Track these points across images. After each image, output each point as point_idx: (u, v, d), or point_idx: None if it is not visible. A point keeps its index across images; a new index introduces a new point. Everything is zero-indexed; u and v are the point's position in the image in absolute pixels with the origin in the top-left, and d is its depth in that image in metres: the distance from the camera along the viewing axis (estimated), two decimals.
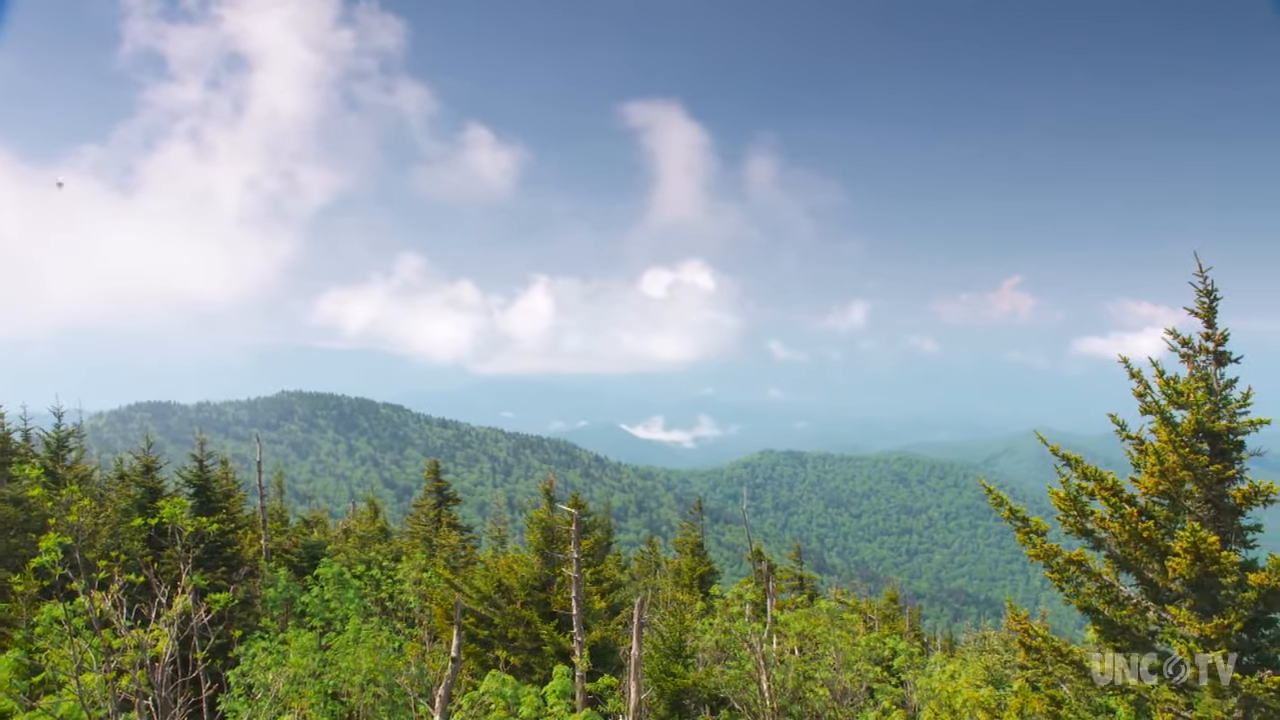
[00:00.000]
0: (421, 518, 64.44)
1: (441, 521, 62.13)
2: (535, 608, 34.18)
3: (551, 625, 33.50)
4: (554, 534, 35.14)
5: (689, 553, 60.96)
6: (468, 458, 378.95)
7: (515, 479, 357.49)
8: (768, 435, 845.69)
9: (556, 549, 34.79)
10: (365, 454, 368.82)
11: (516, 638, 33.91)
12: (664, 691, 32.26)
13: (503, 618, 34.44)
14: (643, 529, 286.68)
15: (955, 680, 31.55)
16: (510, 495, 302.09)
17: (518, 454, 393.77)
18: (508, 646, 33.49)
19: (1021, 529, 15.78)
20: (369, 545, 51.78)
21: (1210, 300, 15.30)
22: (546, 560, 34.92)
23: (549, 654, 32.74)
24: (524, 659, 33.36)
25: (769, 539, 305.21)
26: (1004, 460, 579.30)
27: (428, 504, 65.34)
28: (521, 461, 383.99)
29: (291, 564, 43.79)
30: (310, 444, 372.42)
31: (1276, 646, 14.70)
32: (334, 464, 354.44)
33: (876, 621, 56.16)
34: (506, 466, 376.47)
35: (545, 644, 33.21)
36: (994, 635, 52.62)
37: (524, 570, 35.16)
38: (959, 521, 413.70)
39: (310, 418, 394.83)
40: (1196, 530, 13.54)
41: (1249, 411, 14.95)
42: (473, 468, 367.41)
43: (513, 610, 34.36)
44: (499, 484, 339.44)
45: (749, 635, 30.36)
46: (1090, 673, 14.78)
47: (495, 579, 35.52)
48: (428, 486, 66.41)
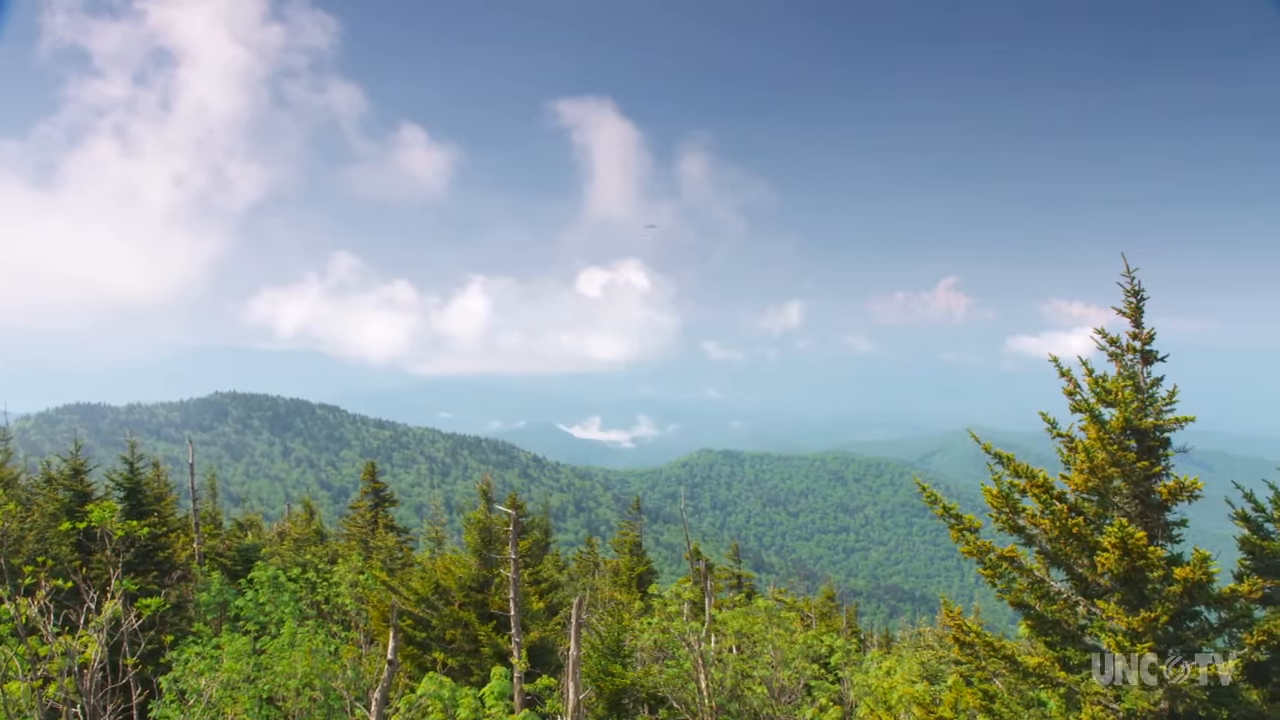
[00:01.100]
0: (358, 519, 63.92)
1: (378, 523, 61.66)
2: (473, 609, 34.01)
3: (489, 626, 33.36)
4: (491, 535, 35.00)
5: (627, 552, 61.01)
6: (405, 459, 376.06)
7: (453, 480, 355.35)
8: (705, 435, 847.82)
9: (494, 550, 34.67)
10: (301, 455, 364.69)
11: (454, 639, 33.73)
12: (602, 691, 32.23)
13: (440, 619, 34.24)
14: (581, 529, 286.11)
15: (891, 676, 31.85)
16: (448, 496, 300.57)
17: (455, 455, 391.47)
18: (445, 648, 33.30)
19: (955, 526, 15.98)
20: (304, 548, 51.33)
21: (1137, 300, 15.58)
22: (484, 561, 34.78)
23: (487, 655, 32.60)
24: (462, 661, 33.18)
25: (707, 538, 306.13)
26: (939, 458, 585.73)
27: (364, 505, 64.83)
28: (459, 462, 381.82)
29: (225, 567, 43.28)
30: (245, 446, 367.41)
31: (1201, 639, 15.02)
32: (269, 466, 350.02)
33: (814, 619, 56.58)
34: (444, 467, 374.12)
35: (483, 645, 33.07)
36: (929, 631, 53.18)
37: (461, 571, 34.98)
38: (895, 519, 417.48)
39: (244, 419, 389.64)
40: (1124, 526, 13.80)
41: (1174, 409, 15.25)
42: (410, 469, 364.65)
43: (450, 612, 34.17)
44: (437, 485, 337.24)
45: (687, 634, 30.45)
46: (1021, 667, 15.00)
47: (432, 581, 35.31)
48: (364, 488, 65.89)
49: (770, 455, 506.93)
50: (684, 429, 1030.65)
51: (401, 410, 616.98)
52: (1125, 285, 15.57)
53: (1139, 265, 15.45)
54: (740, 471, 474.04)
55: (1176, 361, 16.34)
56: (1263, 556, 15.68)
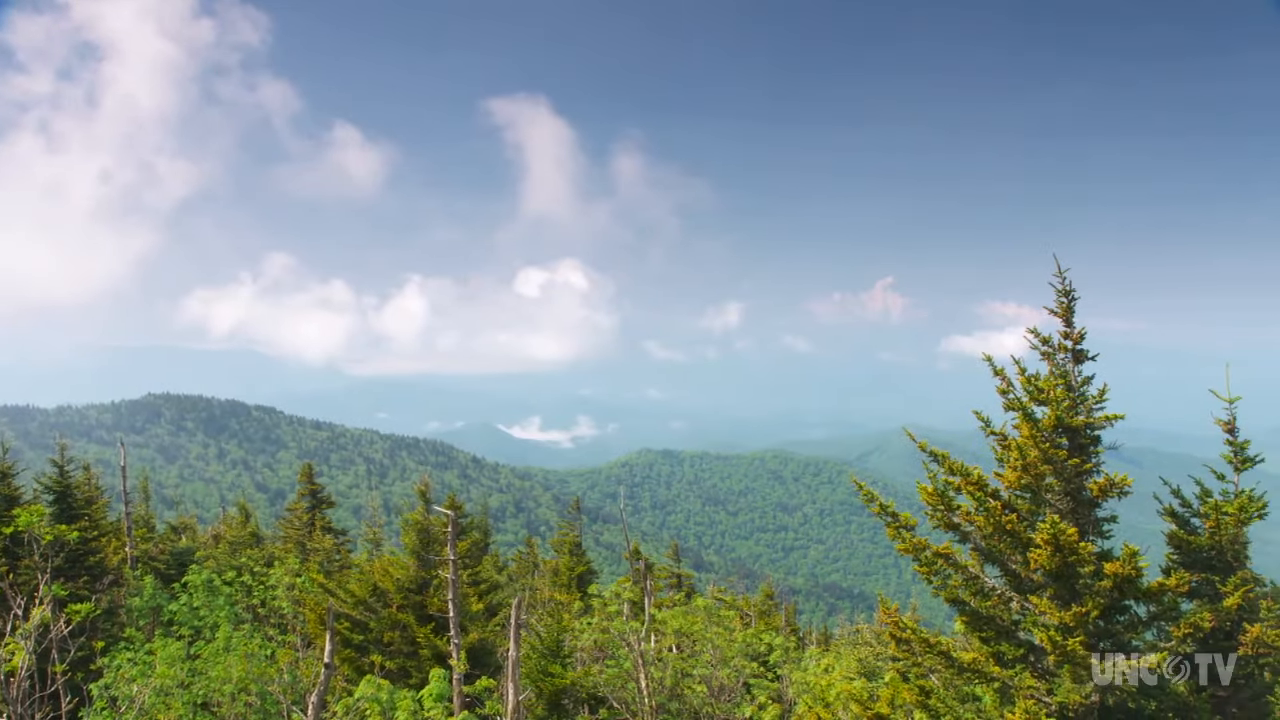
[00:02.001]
0: (295, 521, 63.26)
1: (315, 525, 61.05)
2: (411, 611, 33.83)
3: (428, 628, 33.19)
4: (430, 536, 34.83)
5: (567, 552, 60.94)
6: (343, 460, 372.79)
7: (391, 481, 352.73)
8: (645, 434, 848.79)
9: (432, 551, 34.50)
10: (236, 457, 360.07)
11: (392, 642, 33.52)
12: (542, 692, 32.19)
13: (378, 622, 34.01)
14: (521, 529, 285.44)
15: (829, 673, 32.07)
16: (386, 497, 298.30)
17: (394, 455, 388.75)
18: (383, 651, 33.08)
19: (891, 524, 16.13)
20: (240, 551, 50.73)
21: (1069, 300, 15.83)
22: (423, 563, 34.59)
23: (426, 657, 32.43)
24: (400, 663, 32.99)
25: (647, 538, 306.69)
26: (876, 457, 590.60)
27: (301, 507, 64.16)
28: (398, 463, 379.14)
29: (158, 572, 42.70)
30: (178, 448, 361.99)
31: (1130, 632, 15.30)
32: (203, 468, 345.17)
33: (753, 617, 56.84)
34: (382, 468, 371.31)
35: (422, 647, 32.89)
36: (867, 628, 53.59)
37: (400, 573, 34.76)
38: (833, 517, 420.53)
39: (178, 421, 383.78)
40: (1056, 522, 14.01)
41: (1104, 407, 15.51)
42: (348, 470, 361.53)
43: (388, 614, 33.96)
44: (375, 486, 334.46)
45: (627, 634, 30.49)
46: (957, 662, 15.18)
47: (370, 583, 35.07)
48: (301, 490, 65.20)
49: (710, 454, 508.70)
50: (624, 429, 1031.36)
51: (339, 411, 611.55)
52: (1057, 286, 15.82)
53: (1070, 266, 15.72)
54: (680, 471, 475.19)
55: (1107, 360, 16.63)
56: (1189, 551, 15.99)
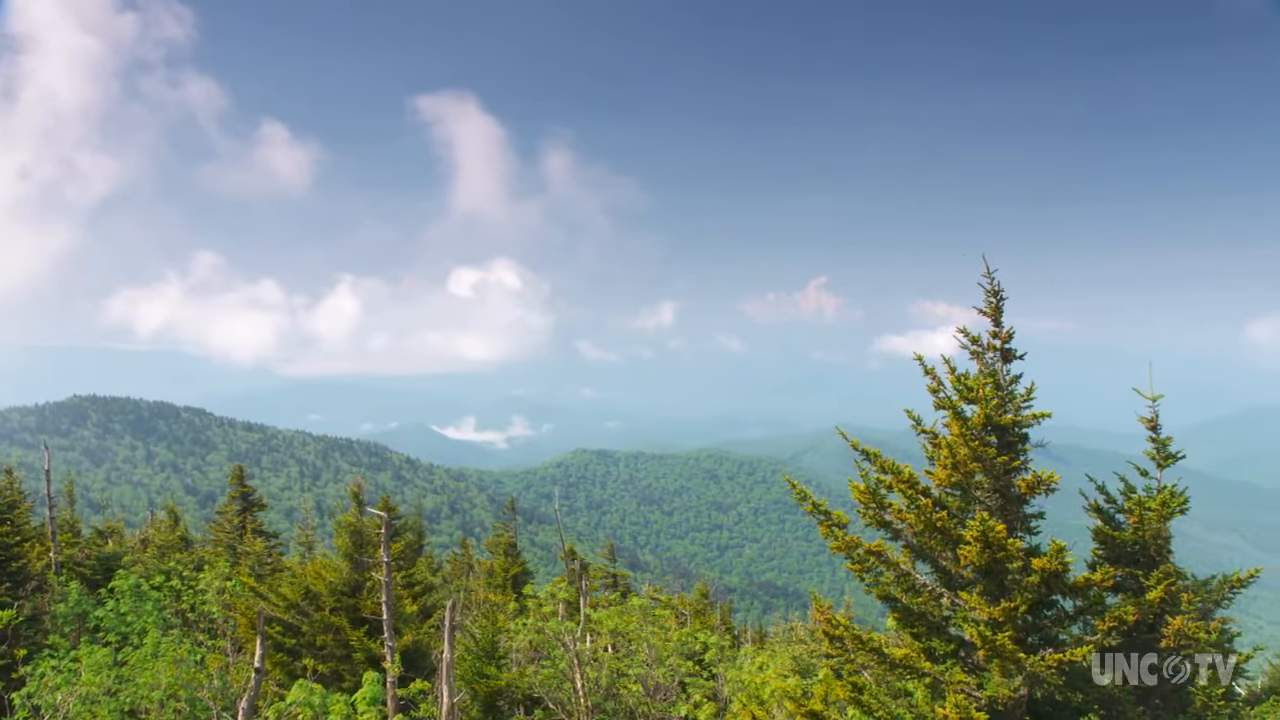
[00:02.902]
0: (225, 525, 62.49)
1: (246, 528, 60.34)
2: (345, 614, 33.53)
3: (362, 631, 32.93)
4: (363, 538, 34.55)
5: (502, 553, 60.79)
6: (274, 462, 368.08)
7: (324, 483, 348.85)
8: (581, 434, 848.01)
9: (366, 553, 34.22)
10: (165, 460, 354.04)
11: (325, 645, 33.21)
12: (477, 694, 32.09)
13: (311, 625, 33.67)
14: (456, 530, 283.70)
15: (764, 671, 32.29)
16: (319, 499, 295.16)
17: (327, 457, 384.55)
18: (316, 654, 32.77)
19: (824, 522, 16.27)
20: (169, 555, 49.94)
21: (997, 300, 16.07)
22: (356, 565, 34.30)
23: (359, 660, 32.17)
24: (333, 667, 32.70)
25: (583, 538, 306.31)
26: (809, 456, 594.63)
27: (232, 510, 63.41)
28: (331, 465, 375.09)
29: (84, 577, 41.95)
30: (105, 450, 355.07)
31: (1057, 626, 15.58)
32: (131, 471, 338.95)
33: (689, 616, 57.00)
34: (315, 470, 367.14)
35: (355, 650, 32.63)
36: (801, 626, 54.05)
37: (332, 576, 34.45)
38: (768, 516, 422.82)
39: (105, 423, 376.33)
40: (985, 519, 14.23)
41: (1032, 405, 15.78)
42: (280, 472, 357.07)
43: (321, 617, 33.63)
44: (307, 488, 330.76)
45: (563, 634, 30.45)
46: (888, 659, 15.35)
47: (303, 586, 34.71)
48: (232, 492, 64.44)
49: (645, 454, 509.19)
50: (559, 429, 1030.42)
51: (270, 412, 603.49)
52: (985, 286, 16.05)
53: (998, 267, 15.96)
54: (615, 471, 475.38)
55: (1035, 359, 16.93)
56: (1114, 546, 16.30)
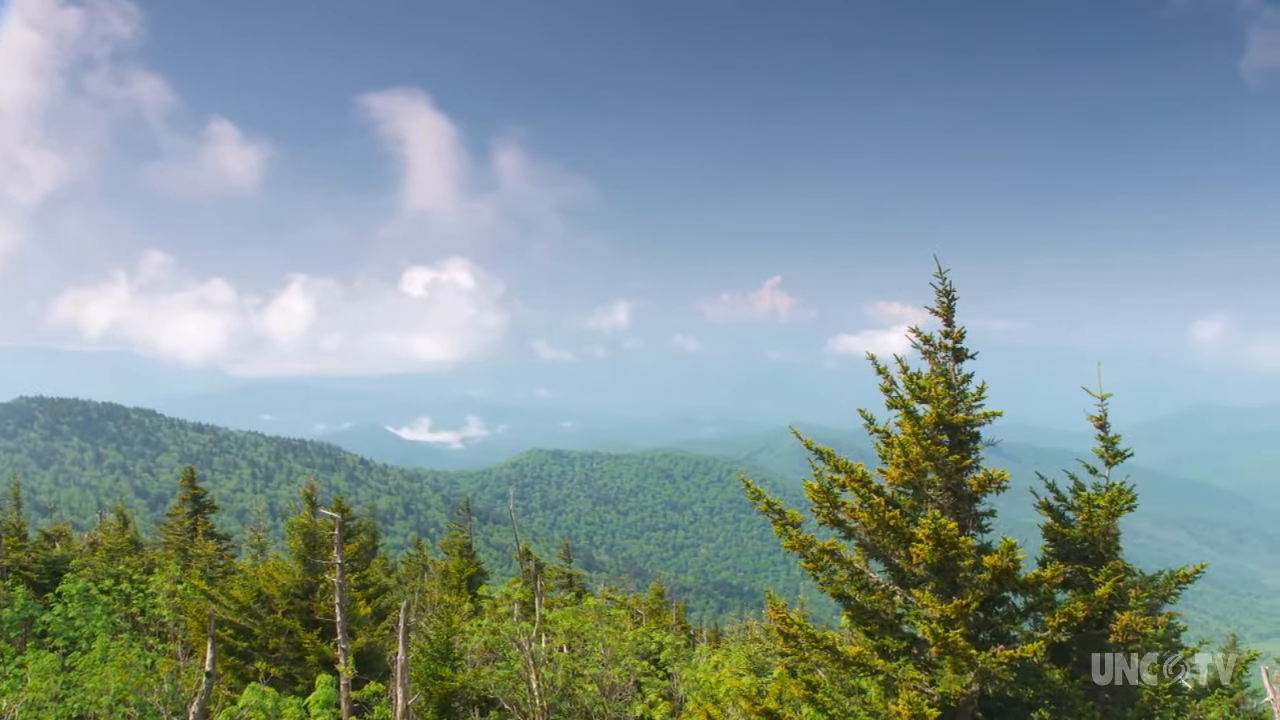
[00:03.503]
0: (176, 527, 61.85)
1: (198, 530, 59.74)
2: (297, 616, 33.29)
3: (315, 633, 32.70)
4: (316, 539, 34.31)
5: (457, 554, 60.60)
6: (226, 463, 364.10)
7: (277, 484, 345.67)
8: (536, 435, 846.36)
9: (319, 555, 33.98)
10: (115, 462, 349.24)
11: (278, 648, 32.95)
12: (432, 695, 31.93)
13: (263, 628, 33.40)
14: (410, 531, 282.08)
15: (719, 670, 32.35)
16: (272, 501, 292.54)
17: (279, 458, 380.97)
18: (268, 658, 32.51)
19: (778, 521, 16.34)
20: (118, 558, 49.37)
21: (949, 300, 16.24)
22: (309, 567, 34.06)
23: (312, 663, 31.95)
24: (286, 670, 32.45)
25: (538, 538, 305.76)
26: (764, 455, 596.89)
27: (183, 512, 62.75)
28: (283, 466, 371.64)
29: (31, 581, 41.40)
30: (53, 453, 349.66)
31: (1008, 623, 15.78)
32: (79, 473, 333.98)
33: (644, 616, 57.03)
34: (268, 471, 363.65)
35: (309, 653, 32.40)
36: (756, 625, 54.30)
37: (285, 578, 34.18)
38: (723, 516, 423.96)
39: (52, 425, 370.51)
40: (937, 517, 14.36)
41: (983, 404, 15.95)
42: (232, 474, 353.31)
43: (274, 620, 33.37)
44: (260, 490, 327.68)
45: (518, 635, 30.39)
46: (842, 656, 15.45)
47: (255, 588, 34.41)
48: (183, 494, 63.74)
49: (600, 454, 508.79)
50: (514, 429, 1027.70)
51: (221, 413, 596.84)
52: (937, 286, 16.21)
53: (950, 267, 16.11)
54: (571, 471, 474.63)
55: (987, 359, 17.11)
56: (1064, 543, 16.51)
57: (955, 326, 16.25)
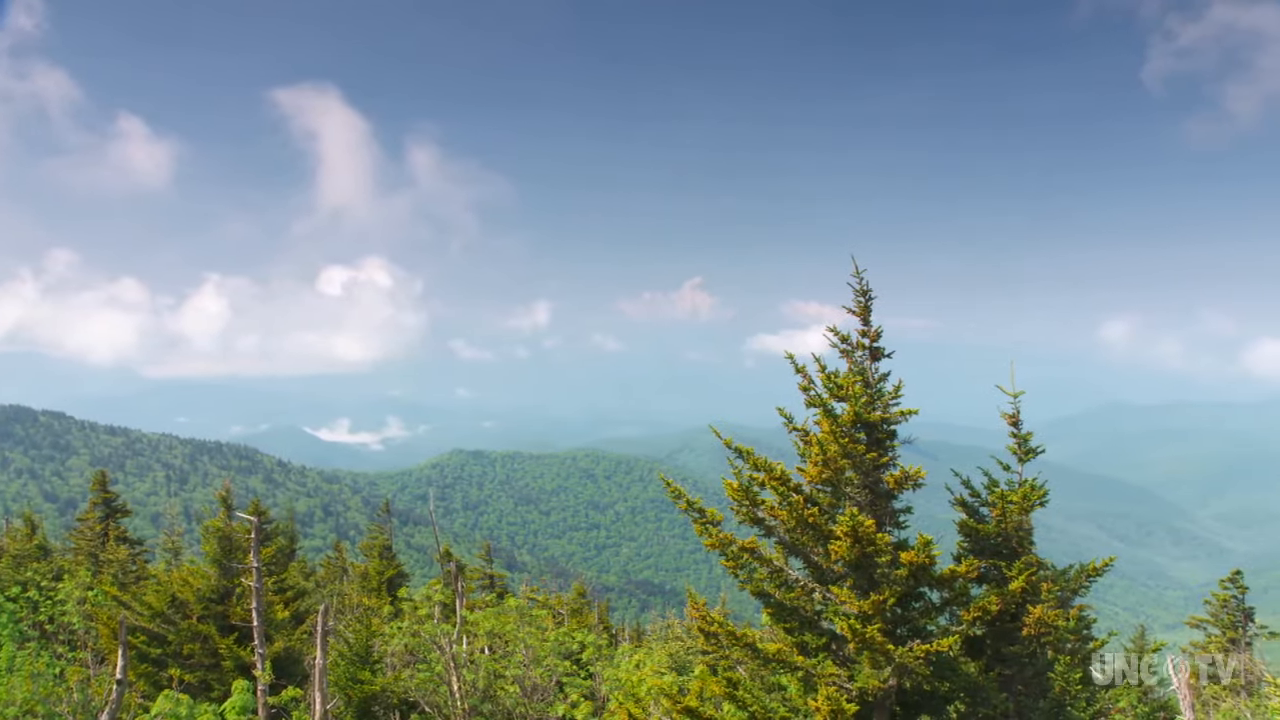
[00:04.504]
0: (87, 532, 60.38)
1: (109, 535, 58.43)
2: (213, 621, 32.75)
3: (231, 639, 32.20)
4: (232, 543, 33.77)
5: (377, 556, 60.08)
6: (139, 466, 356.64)
7: (192, 487, 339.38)
8: (457, 435, 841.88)
9: (235, 558, 33.45)
10: (22, 466, 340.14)
11: (193, 654, 32.38)
12: (351, 699, 31.61)
13: (177, 634, 32.79)
14: (330, 534, 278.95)
15: (641, 669, 32.42)
16: (187, 504, 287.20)
17: (195, 461, 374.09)
18: (183, 664, 31.93)
19: (698, 520, 16.43)
20: (25, 564, 48.15)
21: (866, 300, 16.43)
22: (225, 571, 33.51)
23: (229, 669, 31.46)
24: (201, 676, 31.90)
25: (459, 539, 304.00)
26: (685, 455, 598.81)
27: (94, 517, 61.31)
28: (199, 469, 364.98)
29: None
30: None
31: (925, 618, 16.01)
32: None
33: (566, 616, 56.98)
34: (183, 474, 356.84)
35: (224, 659, 31.89)
36: (678, 624, 54.48)
37: (200, 583, 33.60)
38: (645, 515, 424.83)
39: None
40: (855, 515, 14.53)
41: (900, 402, 16.17)
42: (145, 477, 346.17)
43: (188, 625, 32.78)
44: (175, 493, 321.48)
45: (439, 637, 30.23)
46: (762, 653, 15.57)
47: (169, 594, 33.77)
48: (94, 499, 62.31)
49: (522, 454, 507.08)
50: (435, 430, 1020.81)
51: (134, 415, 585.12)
52: (855, 286, 16.40)
53: (867, 267, 16.31)
54: (492, 471, 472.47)
55: (904, 357, 17.33)
56: (978, 538, 16.79)
57: (872, 326, 16.46)
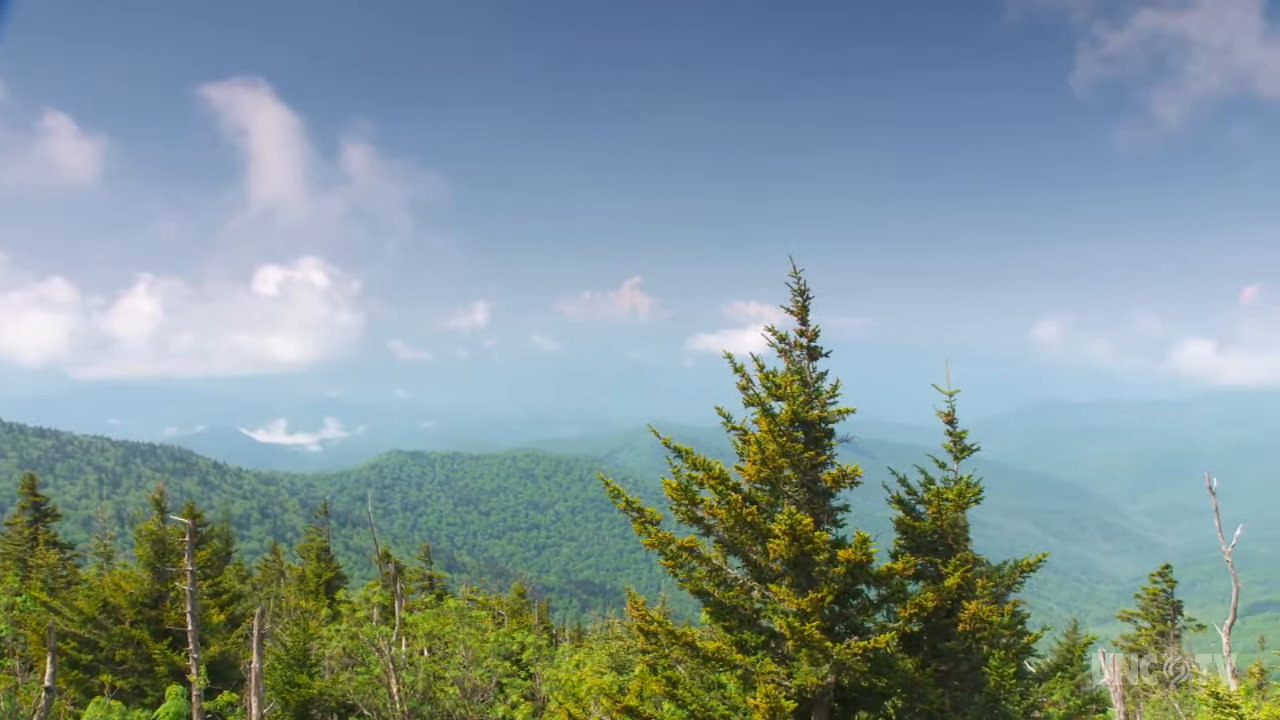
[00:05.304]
0: (15, 537, 59.25)
1: (38, 540, 57.36)
2: (146, 626, 32.27)
3: (165, 643, 31.74)
4: (166, 546, 33.30)
5: (314, 558, 59.52)
6: (70, 469, 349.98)
7: (125, 490, 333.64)
8: (396, 436, 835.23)
9: (169, 562, 32.99)
10: None
11: (125, 660, 31.88)
12: (289, 703, 31.30)
13: (110, 640, 32.27)
14: (266, 536, 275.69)
15: (581, 669, 32.44)
16: (120, 508, 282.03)
17: (127, 463, 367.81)
18: (115, 670, 31.43)
19: (637, 519, 16.47)
20: None
21: (804, 300, 16.56)
22: (158, 575, 33.04)
23: (162, 674, 31.01)
24: (134, 682, 31.42)
25: (399, 540, 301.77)
26: (625, 454, 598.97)
27: (22, 521, 60.16)
28: (132, 471, 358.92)
29: None
30: None
31: (862, 615, 16.16)
32: None
33: (506, 617, 56.82)
34: (115, 477, 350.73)
35: (158, 664, 31.43)
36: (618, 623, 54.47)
37: (133, 587, 33.08)
38: (585, 515, 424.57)
39: None
40: (793, 513, 14.62)
41: (838, 401, 16.32)
42: (76, 480, 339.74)
43: (121, 631, 32.28)
44: (107, 496, 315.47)
45: (377, 639, 30.04)
46: (701, 652, 15.63)
47: (101, 599, 33.22)
48: (22, 503, 61.13)
49: (461, 455, 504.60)
50: (373, 430, 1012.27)
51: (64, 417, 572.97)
52: (793, 285, 16.51)
53: (804, 267, 16.43)
54: (431, 472, 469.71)
55: (841, 356, 17.47)
56: (914, 536, 16.99)
57: (810, 325, 16.59)
